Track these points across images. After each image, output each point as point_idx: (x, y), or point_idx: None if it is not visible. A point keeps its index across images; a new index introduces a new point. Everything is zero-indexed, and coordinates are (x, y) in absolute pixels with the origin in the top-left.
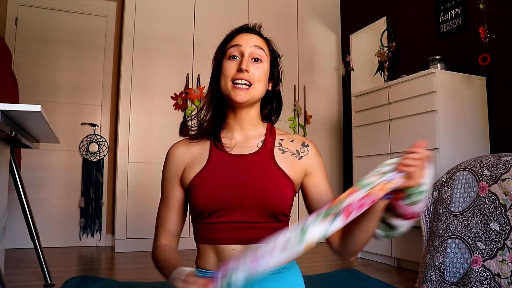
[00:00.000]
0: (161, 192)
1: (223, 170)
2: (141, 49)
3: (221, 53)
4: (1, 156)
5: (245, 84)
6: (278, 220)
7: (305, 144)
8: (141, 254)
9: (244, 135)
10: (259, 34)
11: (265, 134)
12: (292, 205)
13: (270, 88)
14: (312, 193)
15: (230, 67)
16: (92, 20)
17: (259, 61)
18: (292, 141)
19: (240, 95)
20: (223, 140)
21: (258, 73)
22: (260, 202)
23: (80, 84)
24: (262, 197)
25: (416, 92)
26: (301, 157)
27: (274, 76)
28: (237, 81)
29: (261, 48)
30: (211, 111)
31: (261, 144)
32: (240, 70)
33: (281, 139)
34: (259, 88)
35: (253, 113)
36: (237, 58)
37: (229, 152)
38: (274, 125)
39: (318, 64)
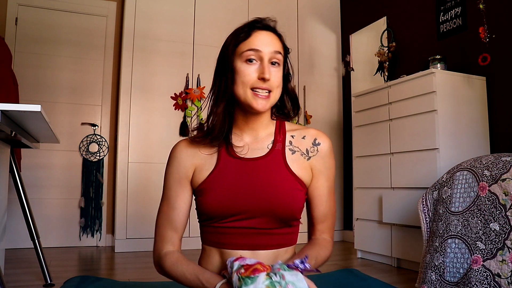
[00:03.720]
0: (164, 193)
1: (233, 174)
2: (141, 49)
3: (233, 51)
4: (1, 156)
5: (266, 91)
6: (289, 225)
7: (317, 142)
8: (141, 254)
9: (254, 136)
10: (274, 31)
11: (274, 133)
12: (303, 207)
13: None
14: (308, 194)
15: (249, 73)
16: (92, 20)
17: (276, 64)
18: (304, 137)
19: (262, 104)
20: (233, 142)
21: (277, 79)
22: (272, 209)
23: (80, 84)
24: (274, 204)
25: (416, 92)
26: (310, 157)
27: (285, 71)
28: (257, 90)
29: (280, 52)
30: (221, 115)
31: (271, 145)
32: (262, 79)
33: (292, 136)
34: (278, 92)
35: (265, 114)
36: (255, 61)
37: (239, 155)
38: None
39: (318, 64)
